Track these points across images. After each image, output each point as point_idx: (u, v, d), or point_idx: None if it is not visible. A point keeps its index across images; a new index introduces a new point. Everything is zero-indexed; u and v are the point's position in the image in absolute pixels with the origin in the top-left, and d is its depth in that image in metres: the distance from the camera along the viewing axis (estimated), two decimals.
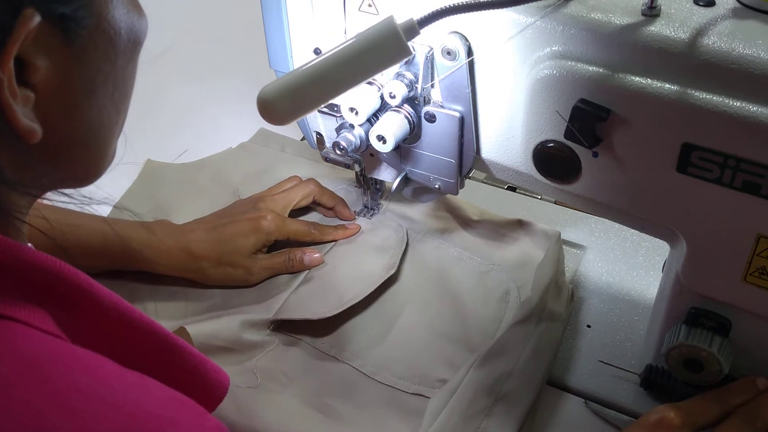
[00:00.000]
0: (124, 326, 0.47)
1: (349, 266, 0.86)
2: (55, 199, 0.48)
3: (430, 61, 0.67)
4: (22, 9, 0.38)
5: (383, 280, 0.83)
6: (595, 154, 0.61)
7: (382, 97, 0.70)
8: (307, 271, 0.87)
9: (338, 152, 0.75)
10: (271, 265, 0.86)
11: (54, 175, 0.47)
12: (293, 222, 0.88)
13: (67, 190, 0.49)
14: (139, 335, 0.48)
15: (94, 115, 0.46)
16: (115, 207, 0.96)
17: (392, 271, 0.84)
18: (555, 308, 0.79)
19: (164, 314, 0.83)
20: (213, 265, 0.83)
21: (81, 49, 0.42)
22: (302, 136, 1.02)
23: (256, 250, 0.84)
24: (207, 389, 0.53)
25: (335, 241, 0.90)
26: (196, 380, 0.52)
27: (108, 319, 0.46)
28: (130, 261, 0.83)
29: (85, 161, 0.48)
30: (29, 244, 0.47)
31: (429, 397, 0.74)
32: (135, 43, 0.47)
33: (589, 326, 0.83)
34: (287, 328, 0.81)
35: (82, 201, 0.49)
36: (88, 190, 0.50)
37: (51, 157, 0.45)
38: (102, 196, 0.50)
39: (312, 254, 0.87)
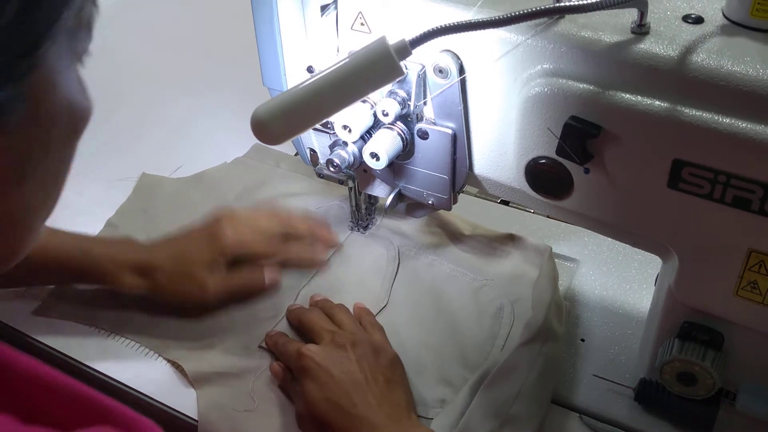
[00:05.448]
0: (42, 391, 0.44)
1: (342, 289, 0.86)
2: None
3: (422, 79, 0.67)
4: None
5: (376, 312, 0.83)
6: (587, 171, 0.62)
7: (375, 115, 0.70)
8: (297, 297, 0.86)
9: (332, 169, 0.75)
10: (228, 280, 0.83)
11: None
12: (253, 234, 0.86)
13: None
14: (62, 400, 0.45)
15: (21, 201, 0.42)
16: (108, 222, 0.96)
17: (382, 305, 0.84)
18: (557, 327, 0.79)
19: (155, 343, 0.81)
20: (168, 277, 0.81)
21: (10, 137, 0.39)
22: (296, 151, 1.02)
23: (212, 260, 0.82)
24: None
25: (301, 258, 0.88)
26: None
27: (24, 385, 0.43)
28: (93, 275, 0.81)
29: (2, 246, 0.44)
30: None
31: (429, 418, 0.74)
32: (74, 130, 0.44)
33: (582, 340, 0.83)
34: None
35: None
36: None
37: None
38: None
39: (271, 272, 0.85)
